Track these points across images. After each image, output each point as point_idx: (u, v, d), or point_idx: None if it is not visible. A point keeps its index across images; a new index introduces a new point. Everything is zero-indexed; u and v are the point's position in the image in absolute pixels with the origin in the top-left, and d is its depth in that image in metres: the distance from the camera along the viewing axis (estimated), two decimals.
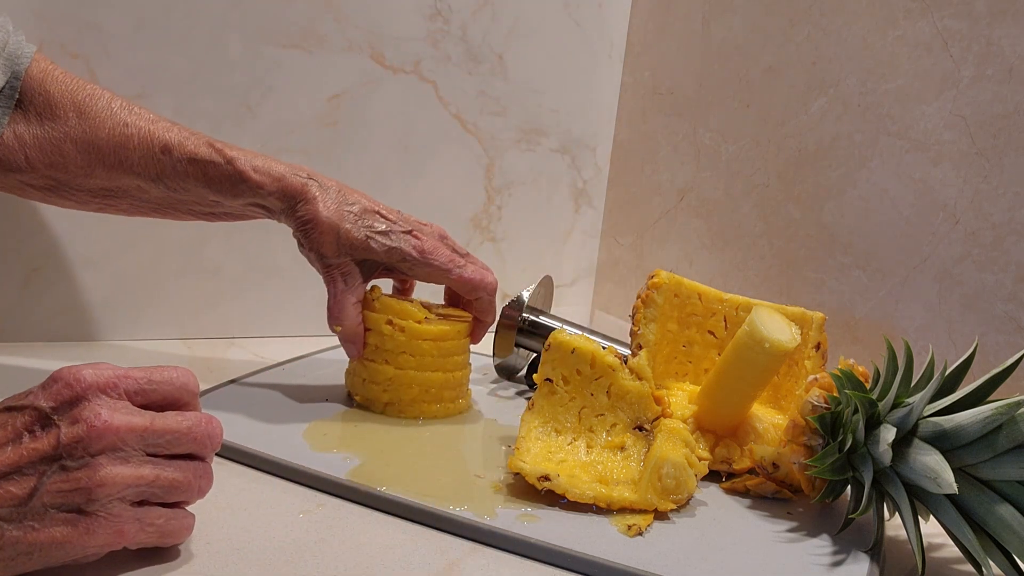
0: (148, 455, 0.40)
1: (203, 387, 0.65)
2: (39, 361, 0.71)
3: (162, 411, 0.42)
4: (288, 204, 0.62)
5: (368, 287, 0.66)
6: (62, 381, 0.39)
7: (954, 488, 0.45)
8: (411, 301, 0.67)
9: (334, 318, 0.64)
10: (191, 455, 0.42)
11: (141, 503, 0.40)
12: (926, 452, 0.48)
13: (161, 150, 0.60)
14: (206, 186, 0.62)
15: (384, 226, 0.64)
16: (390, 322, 0.64)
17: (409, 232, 0.65)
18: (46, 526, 0.36)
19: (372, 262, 0.64)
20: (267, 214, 0.65)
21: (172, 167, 0.61)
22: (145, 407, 0.41)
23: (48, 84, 0.59)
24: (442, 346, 0.65)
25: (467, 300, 0.69)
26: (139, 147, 0.60)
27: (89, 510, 0.37)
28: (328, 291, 0.64)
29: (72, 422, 0.38)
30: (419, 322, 0.65)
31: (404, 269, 0.65)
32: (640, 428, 0.58)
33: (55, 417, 0.38)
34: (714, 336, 0.68)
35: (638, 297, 0.66)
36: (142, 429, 0.39)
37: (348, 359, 0.68)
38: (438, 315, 0.67)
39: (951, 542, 0.49)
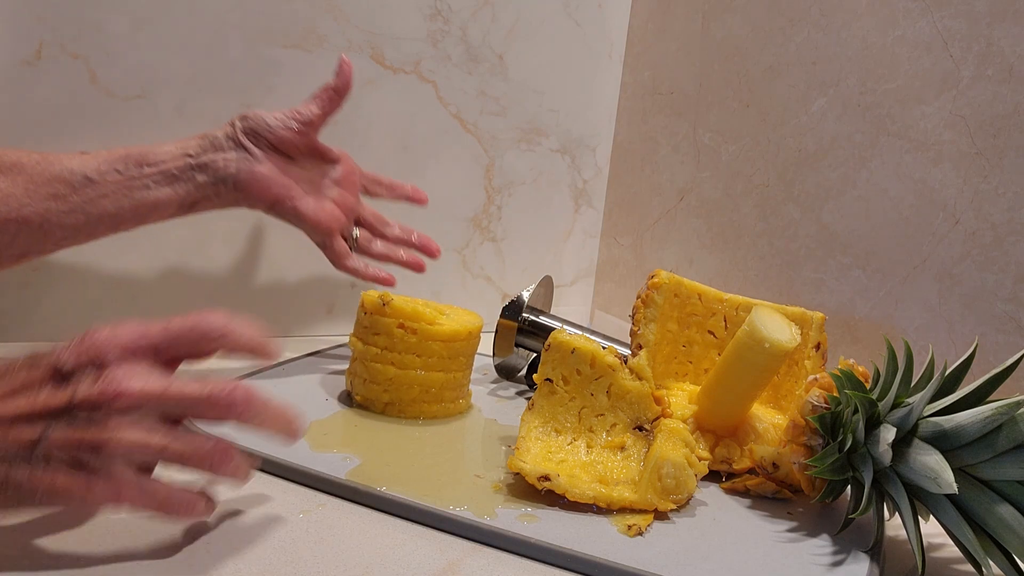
0: (165, 420, 0.40)
1: None
2: None
3: (198, 357, 0.42)
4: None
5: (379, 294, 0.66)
6: (87, 340, 0.39)
7: (954, 488, 0.45)
8: (423, 303, 0.68)
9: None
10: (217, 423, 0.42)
11: (149, 470, 0.40)
12: (926, 452, 0.48)
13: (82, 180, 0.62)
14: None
15: None
16: (401, 325, 0.64)
17: None
18: (49, 473, 0.37)
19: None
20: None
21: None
22: (174, 360, 0.41)
23: None
24: (452, 347, 0.66)
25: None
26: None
27: (91, 465, 0.38)
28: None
29: (88, 383, 0.38)
30: (430, 324, 0.65)
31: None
32: (640, 428, 0.58)
33: (72, 376, 0.39)
34: (714, 336, 0.68)
35: (638, 297, 0.66)
36: (156, 395, 0.39)
37: (349, 360, 0.68)
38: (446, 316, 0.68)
39: (951, 542, 0.49)
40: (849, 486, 0.53)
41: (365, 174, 0.78)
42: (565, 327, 0.69)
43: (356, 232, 0.76)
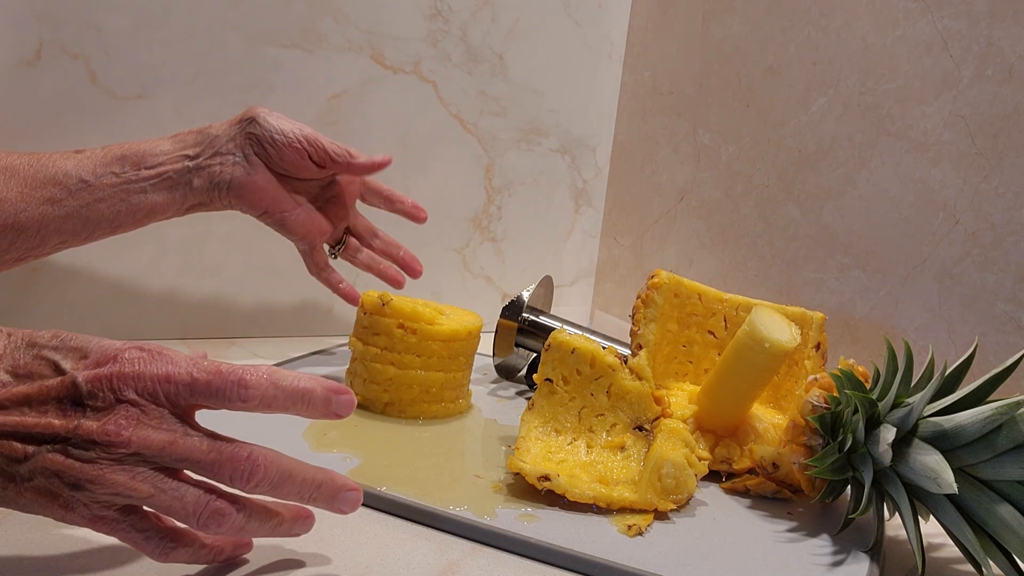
0: (159, 468, 0.38)
1: None
2: None
3: (221, 404, 0.39)
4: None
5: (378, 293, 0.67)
6: (113, 369, 0.38)
7: (954, 488, 0.45)
8: (422, 303, 0.68)
9: None
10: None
11: (132, 511, 0.39)
12: (926, 452, 0.48)
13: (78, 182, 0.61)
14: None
15: None
16: (401, 325, 0.64)
17: None
18: (32, 487, 0.37)
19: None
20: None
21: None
22: (196, 404, 0.39)
23: None
24: (452, 347, 0.66)
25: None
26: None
27: (73, 496, 0.37)
28: None
29: (95, 419, 0.37)
30: (430, 324, 0.65)
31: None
32: (640, 428, 0.58)
33: (86, 400, 0.37)
34: (714, 336, 0.68)
35: (638, 297, 0.66)
36: (157, 448, 0.38)
37: (349, 360, 0.68)
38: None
39: (951, 542, 0.49)
40: (849, 486, 0.53)
41: (366, 183, 0.78)
42: (565, 327, 0.69)
43: (344, 239, 0.77)
